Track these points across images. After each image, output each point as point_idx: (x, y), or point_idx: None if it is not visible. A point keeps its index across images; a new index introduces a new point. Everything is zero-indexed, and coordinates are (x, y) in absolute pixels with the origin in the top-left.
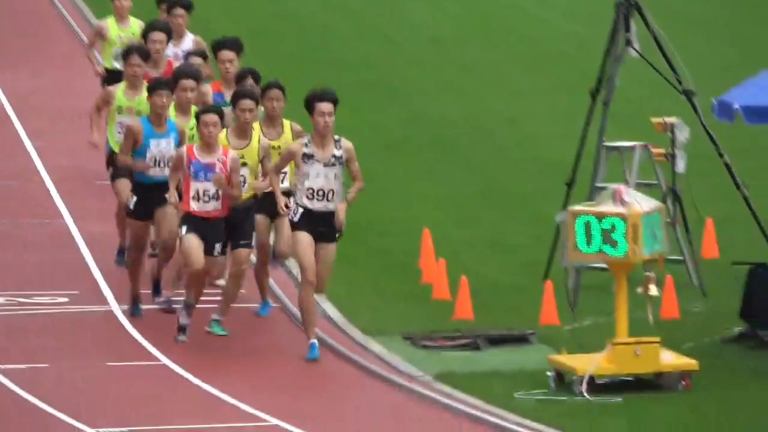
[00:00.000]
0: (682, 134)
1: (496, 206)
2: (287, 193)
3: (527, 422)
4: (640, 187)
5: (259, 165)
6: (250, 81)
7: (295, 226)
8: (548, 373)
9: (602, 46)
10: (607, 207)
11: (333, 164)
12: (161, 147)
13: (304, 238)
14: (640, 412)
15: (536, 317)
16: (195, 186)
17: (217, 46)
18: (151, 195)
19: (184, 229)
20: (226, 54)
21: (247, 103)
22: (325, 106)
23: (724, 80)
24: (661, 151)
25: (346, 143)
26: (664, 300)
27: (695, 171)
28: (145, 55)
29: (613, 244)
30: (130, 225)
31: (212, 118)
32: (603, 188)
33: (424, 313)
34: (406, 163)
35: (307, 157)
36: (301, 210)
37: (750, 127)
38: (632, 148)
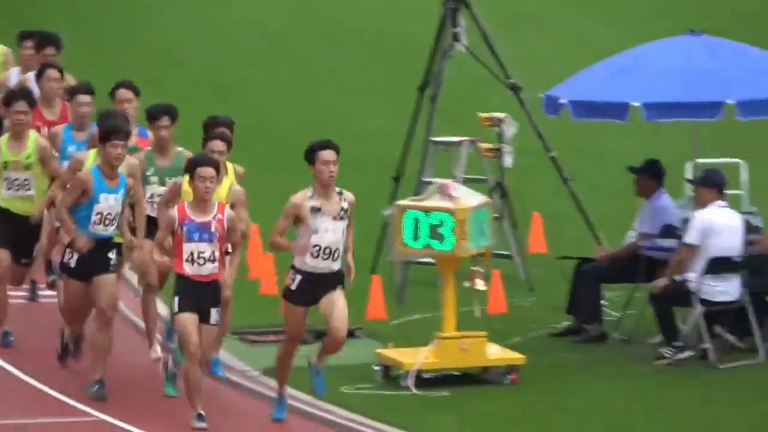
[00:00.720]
0: (510, 129)
1: None
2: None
3: (355, 416)
4: (468, 182)
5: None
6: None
7: (289, 297)
8: (375, 368)
9: (431, 42)
10: (435, 202)
11: (342, 218)
12: (110, 203)
13: (298, 315)
14: (468, 406)
15: (363, 312)
16: (189, 248)
17: (114, 86)
18: (92, 252)
19: (176, 303)
20: (124, 93)
21: (217, 144)
22: (329, 154)
23: (560, 77)
24: (489, 146)
25: (349, 196)
26: (491, 294)
27: (523, 166)
28: (32, 102)
29: (440, 238)
30: (66, 288)
31: (209, 171)
32: (430, 183)
33: (252, 309)
34: (238, 159)
35: (315, 210)
36: (299, 277)
37: (577, 122)
38: (459, 143)
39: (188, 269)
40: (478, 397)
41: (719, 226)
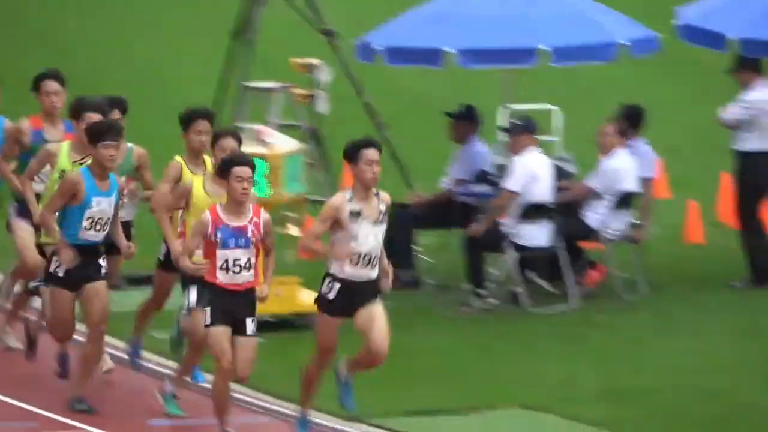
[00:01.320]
0: (324, 75)
1: None
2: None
3: (169, 363)
4: (282, 128)
5: None
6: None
7: (325, 308)
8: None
9: None
10: (249, 148)
11: (381, 221)
12: (102, 207)
13: (333, 326)
14: (284, 352)
15: None
16: (223, 255)
17: (40, 77)
18: (83, 259)
19: (208, 315)
20: (52, 85)
21: (228, 142)
22: (373, 153)
23: (378, 23)
24: (303, 92)
25: (386, 196)
26: None
27: (338, 112)
28: None
29: (254, 184)
30: (53, 298)
31: (246, 171)
32: (244, 129)
33: None
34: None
35: (355, 214)
36: (337, 285)
37: (392, 68)
38: (273, 89)
39: (222, 278)
40: (294, 343)
41: (539, 172)
